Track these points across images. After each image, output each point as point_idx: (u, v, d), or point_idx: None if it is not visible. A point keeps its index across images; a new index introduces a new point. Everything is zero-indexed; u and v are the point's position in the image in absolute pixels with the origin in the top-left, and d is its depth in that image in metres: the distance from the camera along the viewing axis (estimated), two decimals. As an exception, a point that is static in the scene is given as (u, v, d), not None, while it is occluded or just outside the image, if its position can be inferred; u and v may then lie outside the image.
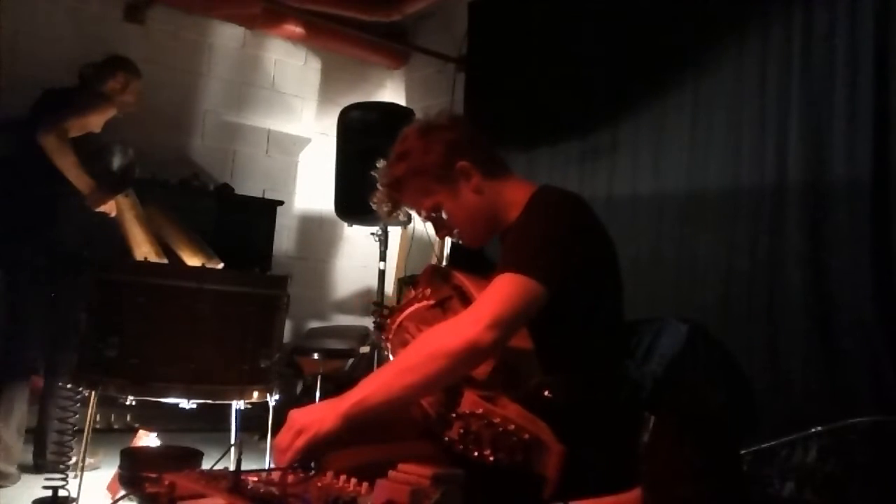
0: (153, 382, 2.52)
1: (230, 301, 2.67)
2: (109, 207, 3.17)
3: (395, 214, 1.75)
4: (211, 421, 3.38)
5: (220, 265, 3.17)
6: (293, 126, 5.32)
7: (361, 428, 1.36)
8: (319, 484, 1.14)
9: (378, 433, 1.43)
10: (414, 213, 1.78)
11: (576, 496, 1.31)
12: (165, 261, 3.12)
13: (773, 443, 2.29)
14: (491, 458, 1.29)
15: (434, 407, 1.44)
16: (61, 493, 2.36)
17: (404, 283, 4.15)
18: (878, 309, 2.58)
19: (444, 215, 1.68)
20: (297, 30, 4.99)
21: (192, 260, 3.17)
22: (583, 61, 3.79)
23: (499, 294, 1.41)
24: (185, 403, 2.57)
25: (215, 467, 1.28)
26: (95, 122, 3.27)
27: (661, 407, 1.44)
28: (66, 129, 3.08)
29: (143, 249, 3.06)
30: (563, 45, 3.91)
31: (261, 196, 5.06)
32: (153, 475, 1.14)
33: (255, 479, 1.14)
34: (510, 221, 1.63)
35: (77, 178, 3.09)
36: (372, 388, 1.37)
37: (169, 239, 3.20)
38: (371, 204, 1.75)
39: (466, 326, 1.37)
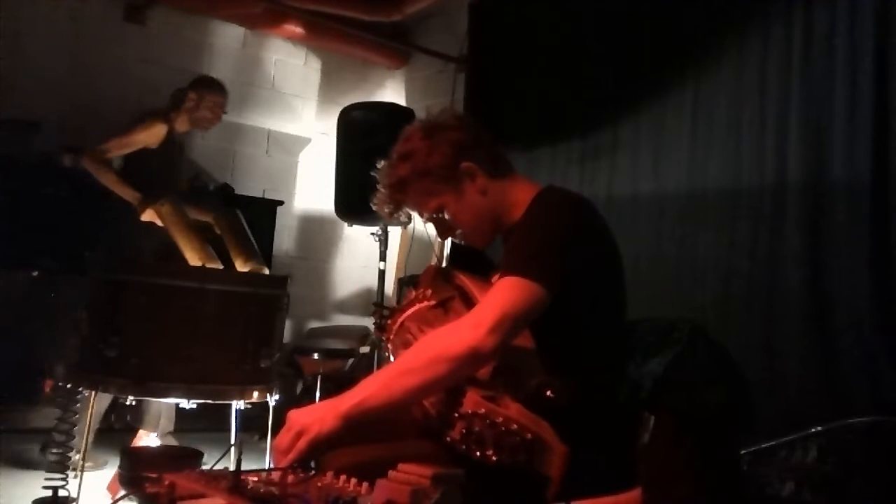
0: (154, 382, 2.52)
1: (231, 301, 2.67)
2: (151, 217, 3.32)
3: (396, 215, 1.74)
4: (211, 421, 3.39)
5: (266, 270, 3.34)
6: (293, 126, 5.32)
7: (362, 427, 1.36)
8: (319, 484, 1.14)
9: (379, 432, 1.43)
10: (415, 214, 1.77)
11: (576, 496, 1.32)
12: (217, 266, 3.22)
13: (772, 443, 2.29)
14: (493, 459, 1.29)
15: (436, 407, 1.45)
16: (61, 493, 2.35)
17: (405, 283, 4.16)
18: (876, 309, 2.58)
19: (447, 216, 1.66)
20: (298, 30, 5.00)
21: (238, 264, 3.32)
22: (583, 61, 3.79)
23: (500, 298, 1.40)
24: (186, 403, 2.57)
25: (215, 467, 1.28)
26: (143, 139, 3.47)
27: (660, 407, 1.44)
28: (105, 151, 3.37)
29: (189, 256, 3.19)
30: (563, 46, 3.91)
31: (261, 196, 5.06)
32: (153, 475, 1.14)
33: (255, 479, 1.14)
34: (514, 221, 1.62)
35: (122, 192, 3.34)
36: (372, 390, 1.37)
37: (227, 244, 3.36)
38: (372, 205, 1.74)
39: (468, 331, 1.37)
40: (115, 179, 3.36)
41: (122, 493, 2.30)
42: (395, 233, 4.75)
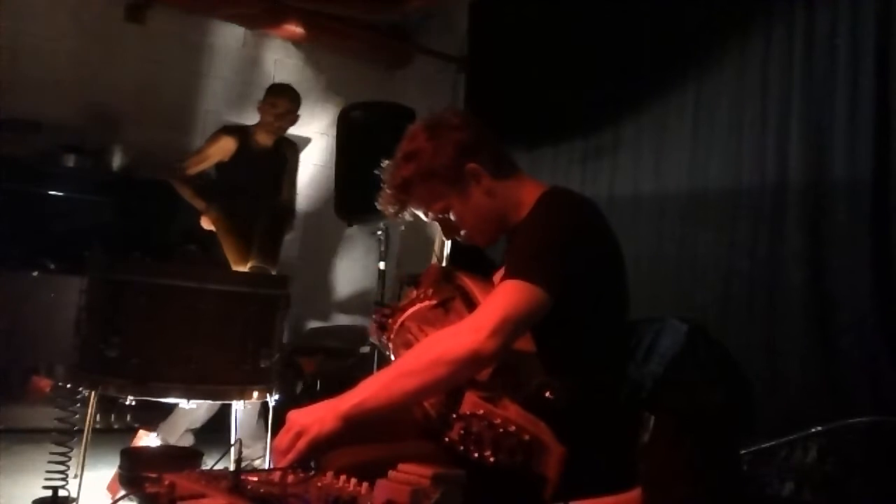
0: (154, 382, 2.51)
1: (231, 301, 2.67)
2: (206, 223, 3.57)
3: (401, 215, 1.73)
4: (211, 421, 3.39)
5: (271, 270, 3.51)
6: (293, 126, 5.31)
7: (362, 427, 1.36)
8: (319, 484, 1.14)
9: (379, 433, 1.43)
10: (416, 213, 1.76)
11: (576, 496, 1.31)
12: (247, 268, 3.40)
13: (772, 443, 2.29)
14: (491, 459, 1.29)
15: (435, 407, 1.45)
16: (61, 493, 2.35)
17: (405, 282, 4.15)
18: (877, 309, 2.58)
19: (452, 216, 1.66)
20: (298, 30, 4.99)
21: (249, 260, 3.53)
22: (584, 61, 3.79)
23: (502, 301, 1.40)
24: (185, 403, 2.57)
25: (215, 467, 1.28)
26: (215, 154, 3.71)
27: (660, 407, 1.44)
28: (184, 169, 3.67)
29: (228, 256, 3.39)
30: (564, 45, 3.91)
31: (261, 196, 5.05)
32: (153, 475, 1.14)
33: (255, 479, 1.14)
34: (519, 221, 1.62)
35: (195, 204, 3.64)
36: (372, 391, 1.37)
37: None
38: (376, 204, 1.73)
39: (469, 334, 1.37)
40: (190, 193, 3.64)
41: (122, 493, 2.30)
42: (395, 232, 4.74)
